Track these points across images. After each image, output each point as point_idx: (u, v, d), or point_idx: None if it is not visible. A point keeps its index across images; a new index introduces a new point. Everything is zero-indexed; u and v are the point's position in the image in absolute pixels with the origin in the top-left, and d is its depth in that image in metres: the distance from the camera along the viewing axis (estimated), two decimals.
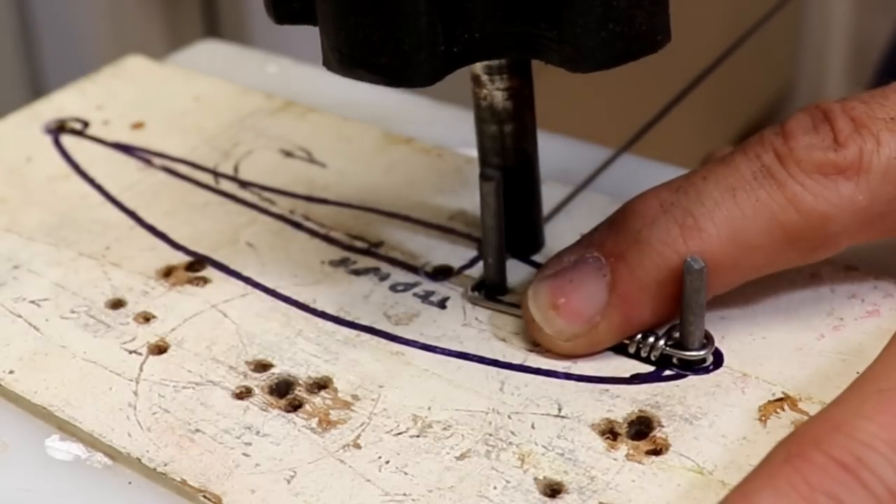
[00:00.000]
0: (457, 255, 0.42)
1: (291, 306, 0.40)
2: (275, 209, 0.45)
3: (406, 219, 0.44)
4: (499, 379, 0.37)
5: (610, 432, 0.35)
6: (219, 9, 0.89)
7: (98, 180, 0.47)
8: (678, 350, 0.37)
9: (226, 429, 0.36)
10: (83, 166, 0.48)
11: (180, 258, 0.43)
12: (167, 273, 0.42)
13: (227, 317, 0.40)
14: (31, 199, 0.46)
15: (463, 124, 0.42)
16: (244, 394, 0.37)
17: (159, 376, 0.38)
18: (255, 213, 0.45)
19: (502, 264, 0.40)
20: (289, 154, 0.48)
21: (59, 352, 0.39)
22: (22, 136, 0.50)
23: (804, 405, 0.35)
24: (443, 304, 0.40)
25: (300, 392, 0.37)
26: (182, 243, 0.43)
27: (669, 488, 0.33)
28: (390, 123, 0.49)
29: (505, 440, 0.35)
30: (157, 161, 0.48)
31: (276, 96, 0.52)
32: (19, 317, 0.40)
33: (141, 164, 0.48)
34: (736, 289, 0.37)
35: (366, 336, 0.39)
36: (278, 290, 0.41)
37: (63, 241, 0.44)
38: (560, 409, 0.36)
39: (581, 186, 0.45)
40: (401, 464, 0.34)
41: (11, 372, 0.38)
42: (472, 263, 0.42)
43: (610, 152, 0.47)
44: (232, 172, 0.47)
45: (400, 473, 0.34)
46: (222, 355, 0.38)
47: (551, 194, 0.43)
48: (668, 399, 0.36)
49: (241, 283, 0.41)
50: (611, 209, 0.38)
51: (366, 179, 0.46)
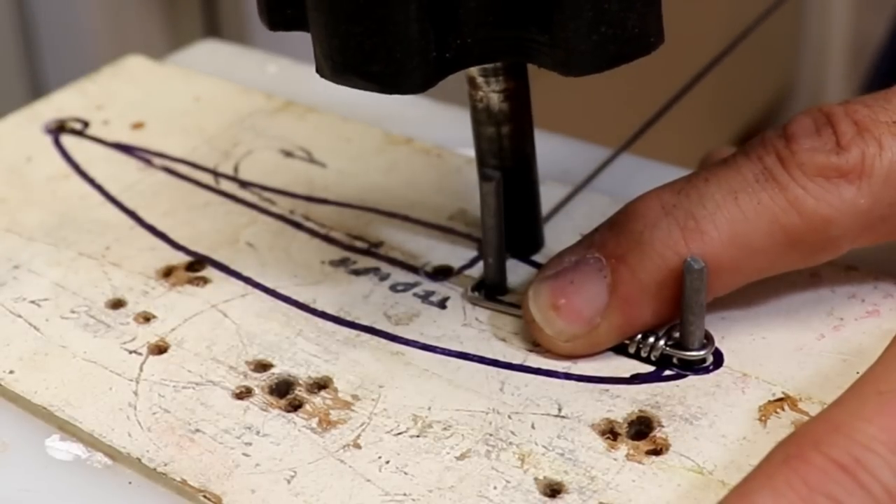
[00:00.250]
0: (457, 255, 0.42)
1: (291, 306, 0.40)
2: (275, 209, 0.45)
3: (406, 219, 0.44)
4: (499, 379, 0.37)
5: (610, 432, 0.35)
6: (219, 9, 0.89)
7: (98, 180, 0.47)
8: (678, 350, 0.37)
9: (226, 429, 0.36)
10: (83, 166, 0.48)
11: (180, 258, 0.43)
12: (167, 273, 0.42)
13: (227, 317, 0.40)
14: (31, 199, 0.46)
15: (463, 124, 0.42)
16: (244, 394, 0.37)
17: (159, 376, 0.38)
18: (255, 213, 0.45)
19: (502, 264, 0.40)
20: (289, 154, 0.48)
21: (59, 352, 0.39)
22: (22, 136, 0.50)
23: (804, 405, 0.35)
24: (443, 304, 0.40)
25: (300, 392, 0.37)
26: (182, 243, 0.43)
27: (669, 488, 0.33)
28: (390, 123, 0.49)
29: (505, 440, 0.35)
30: (157, 161, 0.48)
31: (276, 96, 0.52)
32: (19, 317, 0.40)
33: (141, 164, 0.48)
34: (736, 289, 0.37)
35: (366, 336, 0.39)
36: (278, 290, 0.41)
37: (63, 241, 0.44)
38: (560, 409, 0.36)
39: (580, 186, 0.45)
40: (401, 464, 0.34)
41: (11, 372, 0.38)
42: (472, 263, 0.42)
43: (609, 152, 0.47)
44: (232, 172, 0.47)
45: (400, 473, 0.34)
46: (222, 355, 0.38)
47: (551, 194, 0.43)
48: (668, 399, 0.36)
49: (241, 283, 0.41)
50: (610, 209, 0.38)
51: (366, 179, 0.46)
